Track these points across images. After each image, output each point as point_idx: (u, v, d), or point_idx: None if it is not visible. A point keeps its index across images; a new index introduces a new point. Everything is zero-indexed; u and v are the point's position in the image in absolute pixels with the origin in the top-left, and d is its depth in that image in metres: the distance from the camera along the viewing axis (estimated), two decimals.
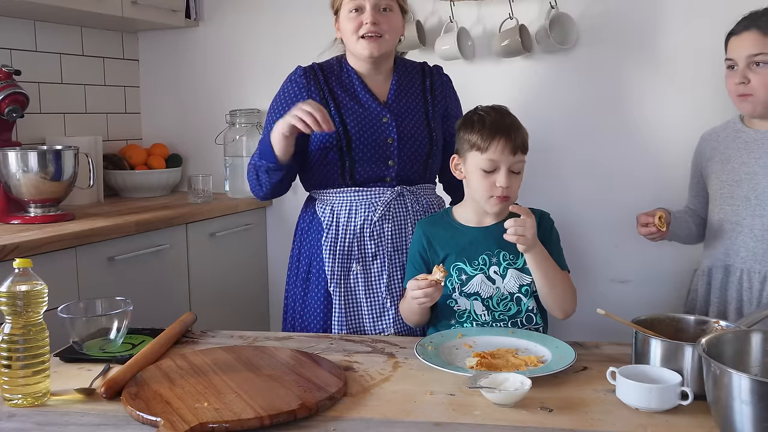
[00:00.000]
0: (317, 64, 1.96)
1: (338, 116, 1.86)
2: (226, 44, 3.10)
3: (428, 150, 1.91)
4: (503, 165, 1.62)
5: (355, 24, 1.83)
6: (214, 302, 2.69)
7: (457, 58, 2.63)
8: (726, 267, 1.79)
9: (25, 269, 1.26)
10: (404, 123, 1.89)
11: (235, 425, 1.14)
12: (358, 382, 1.36)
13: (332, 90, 1.89)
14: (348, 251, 1.86)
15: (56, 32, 2.84)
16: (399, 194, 1.88)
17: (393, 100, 1.91)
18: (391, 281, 1.86)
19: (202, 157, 3.17)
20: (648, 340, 1.33)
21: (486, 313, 1.67)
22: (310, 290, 1.92)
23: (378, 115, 1.88)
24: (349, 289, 1.87)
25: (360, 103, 1.89)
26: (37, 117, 2.76)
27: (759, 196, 1.72)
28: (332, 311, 1.87)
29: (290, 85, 1.92)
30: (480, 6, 2.69)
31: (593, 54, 2.58)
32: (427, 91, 1.96)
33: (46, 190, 2.28)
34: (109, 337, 1.51)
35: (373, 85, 1.92)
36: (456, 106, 2.03)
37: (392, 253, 1.86)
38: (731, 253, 1.78)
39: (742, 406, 1.02)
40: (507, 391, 1.24)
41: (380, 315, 1.85)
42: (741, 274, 1.75)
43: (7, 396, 1.26)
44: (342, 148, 1.85)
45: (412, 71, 1.98)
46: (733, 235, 1.77)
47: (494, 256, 1.68)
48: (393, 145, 1.86)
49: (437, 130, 1.95)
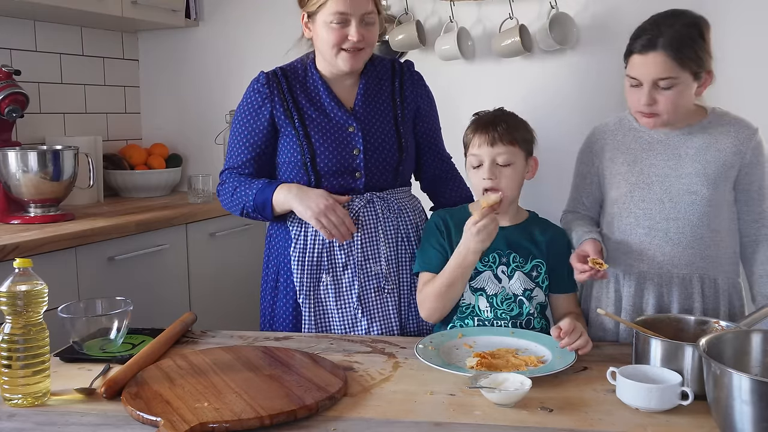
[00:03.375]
0: (281, 69, 1.86)
1: (302, 129, 1.79)
2: (226, 44, 3.10)
3: (397, 158, 1.84)
4: (486, 157, 1.65)
5: (337, 36, 1.72)
6: (214, 302, 2.68)
7: (457, 58, 2.63)
8: (640, 273, 1.71)
9: (25, 269, 1.26)
10: (371, 131, 1.81)
11: (235, 425, 1.14)
12: (358, 382, 1.36)
13: (296, 99, 1.81)
14: (317, 262, 1.80)
15: (56, 32, 2.84)
16: (368, 201, 1.81)
17: (360, 107, 1.83)
18: (362, 292, 1.78)
19: (202, 157, 3.17)
20: (648, 340, 1.33)
21: (489, 310, 1.67)
22: (278, 299, 1.88)
23: (344, 125, 1.80)
24: (319, 300, 1.81)
25: (325, 113, 1.81)
26: (37, 117, 2.76)
27: (673, 198, 1.68)
28: (302, 322, 1.82)
29: (253, 95, 1.83)
30: (480, 6, 2.69)
31: (593, 54, 2.59)
32: (396, 93, 1.88)
33: (46, 190, 2.28)
34: (109, 337, 1.51)
35: (340, 91, 1.83)
36: (428, 104, 1.95)
37: (363, 262, 1.79)
38: (645, 259, 1.71)
39: (743, 406, 1.02)
40: (507, 391, 1.24)
41: (352, 326, 1.79)
42: (659, 279, 1.70)
43: (7, 396, 1.26)
44: (306, 163, 1.78)
45: (381, 71, 1.88)
46: (647, 240, 1.70)
47: (504, 256, 1.69)
48: (359, 157, 1.79)
49: (407, 135, 1.87)
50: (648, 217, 1.70)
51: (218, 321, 2.48)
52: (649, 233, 1.70)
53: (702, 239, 1.68)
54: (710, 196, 1.67)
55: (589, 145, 1.84)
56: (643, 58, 1.62)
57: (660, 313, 1.66)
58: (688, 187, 1.68)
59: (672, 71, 1.60)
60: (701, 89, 1.67)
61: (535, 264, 1.70)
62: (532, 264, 1.70)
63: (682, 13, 1.66)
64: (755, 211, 1.72)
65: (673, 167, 1.69)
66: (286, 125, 1.81)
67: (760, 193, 1.71)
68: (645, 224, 1.70)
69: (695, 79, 1.63)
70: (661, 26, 1.63)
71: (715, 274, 1.70)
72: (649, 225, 1.70)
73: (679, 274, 1.68)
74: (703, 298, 1.69)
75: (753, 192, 1.71)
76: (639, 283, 1.72)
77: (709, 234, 1.68)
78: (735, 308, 1.73)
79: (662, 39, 1.60)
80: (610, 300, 1.76)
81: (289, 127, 1.81)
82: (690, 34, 1.62)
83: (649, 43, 1.61)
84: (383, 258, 1.80)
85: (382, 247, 1.81)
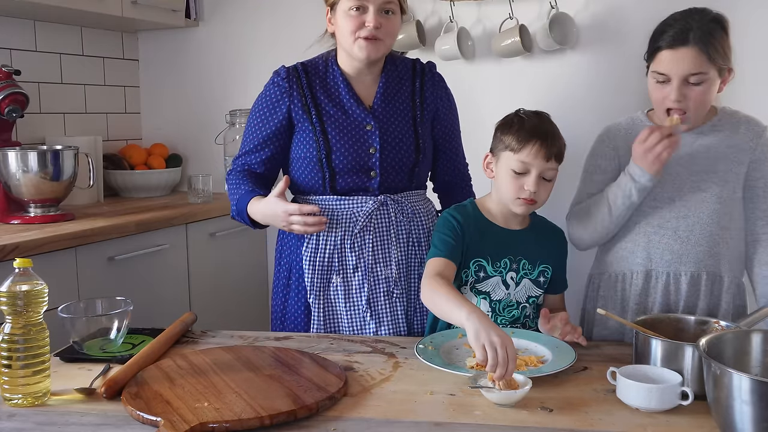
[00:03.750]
0: (302, 64, 1.86)
1: (319, 125, 1.79)
2: (226, 44, 3.10)
3: (414, 159, 1.83)
4: (534, 169, 1.60)
5: (355, 23, 1.73)
6: (214, 302, 2.68)
7: (457, 58, 2.63)
8: (647, 272, 1.72)
9: (26, 269, 1.26)
10: (389, 131, 1.81)
11: (236, 425, 1.14)
12: (358, 382, 1.36)
13: (315, 95, 1.81)
14: (328, 263, 1.79)
15: (56, 32, 2.84)
16: (382, 203, 1.80)
17: (379, 105, 1.83)
18: (372, 295, 1.78)
19: (202, 157, 3.17)
20: (648, 341, 1.33)
21: (490, 315, 1.67)
22: (290, 298, 1.87)
23: (361, 122, 1.80)
24: (329, 302, 1.80)
25: (343, 110, 1.81)
26: (37, 117, 2.76)
27: (683, 196, 1.68)
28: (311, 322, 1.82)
29: (273, 88, 1.84)
30: (480, 6, 2.69)
31: (593, 54, 2.59)
32: (416, 93, 1.87)
33: (46, 190, 2.28)
34: (109, 337, 1.51)
35: (360, 88, 1.84)
36: (447, 107, 1.94)
37: (373, 265, 1.78)
38: (654, 258, 1.71)
39: (743, 406, 1.02)
40: (507, 391, 1.24)
41: (360, 329, 1.78)
42: (667, 278, 1.70)
43: (7, 396, 1.26)
44: (322, 159, 1.78)
45: (402, 71, 1.89)
46: (655, 238, 1.70)
47: (515, 262, 1.68)
48: (375, 156, 1.79)
49: (425, 137, 1.87)
50: (658, 215, 1.71)
51: (218, 321, 2.48)
52: (658, 231, 1.70)
53: (711, 236, 1.68)
54: (720, 193, 1.68)
55: (605, 141, 1.82)
56: (674, 53, 1.61)
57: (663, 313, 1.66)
58: (698, 185, 1.68)
59: (703, 66, 1.60)
60: (722, 86, 1.68)
61: (542, 269, 1.70)
62: (540, 269, 1.69)
63: (703, 9, 1.66)
64: (761, 208, 1.72)
65: (684, 165, 1.70)
66: (303, 120, 1.81)
67: (766, 191, 1.71)
68: (654, 222, 1.71)
69: (720, 75, 1.64)
70: (690, 21, 1.62)
71: (722, 272, 1.70)
72: (659, 223, 1.70)
73: (687, 271, 1.69)
74: (707, 297, 1.69)
75: (759, 189, 1.71)
76: (646, 281, 1.72)
77: (719, 231, 1.68)
78: (737, 308, 1.73)
79: (693, 33, 1.60)
80: (617, 299, 1.77)
81: (306, 122, 1.81)
82: (717, 30, 1.62)
83: (680, 38, 1.61)
84: (394, 262, 1.80)
85: (393, 251, 1.80)
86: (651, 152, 1.61)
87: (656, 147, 1.60)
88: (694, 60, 1.60)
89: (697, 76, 1.61)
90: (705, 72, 1.60)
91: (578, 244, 1.82)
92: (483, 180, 1.79)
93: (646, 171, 1.63)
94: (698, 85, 1.61)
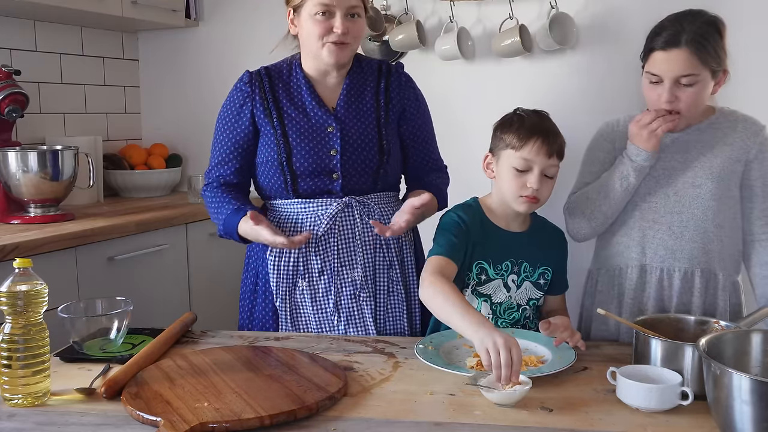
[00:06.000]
0: (265, 68, 1.86)
1: (280, 128, 1.78)
2: (226, 44, 3.10)
3: (378, 161, 1.80)
4: (536, 166, 1.60)
5: (322, 28, 1.71)
6: (214, 302, 2.68)
7: (457, 58, 2.63)
8: (642, 267, 1.73)
9: (26, 269, 1.26)
10: (351, 132, 1.79)
11: (235, 425, 1.14)
12: (358, 382, 1.36)
13: (277, 99, 1.81)
14: (294, 267, 1.78)
15: (56, 32, 2.84)
16: (346, 206, 1.78)
17: (342, 107, 1.80)
18: (338, 298, 1.77)
19: (202, 157, 3.14)
20: (648, 340, 1.33)
21: (490, 317, 1.66)
22: (257, 303, 1.86)
23: (323, 124, 1.78)
24: (296, 305, 1.80)
25: (305, 113, 1.79)
26: (37, 117, 2.76)
27: (678, 192, 1.69)
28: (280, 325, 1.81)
29: (236, 93, 1.84)
30: (480, 6, 2.69)
31: (593, 54, 2.59)
32: (381, 93, 1.84)
33: (46, 190, 2.28)
34: (109, 337, 1.51)
35: (323, 91, 1.82)
36: (415, 106, 1.89)
37: (338, 268, 1.77)
38: (648, 253, 1.72)
39: (743, 406, 1.02)
40: (507, 391, 1.24)
41: (329, 332, 1.77)
42: (660, 273, 1.71)
43: (7, 396, 1.26)
44: (282, 162, 1.77)
45: (367, 72, 1.85)
46: (650, 233, 1.72)
47: (517, 265, 1.67)
48: (336, 158, 1.77)
49: (390, 138, 1.83)
50: (653, 210, 1.71)
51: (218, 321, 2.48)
52: (652, 226, 1.71)
53: (705, 233, 1.69)
54: (715, 189, 1.68)
55: (604, 135, 1.82)
56: (666, 55, 1.62)
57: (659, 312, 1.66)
58: (693, 181, 1.69)
59: (694, 68, 1.61)
60: (717, 87, 1.68)
61: (542, 272, 1.70)
62: (540, 272, 1.69)
63: (699, 11, 1.67)
64: (758, 208, 1.72)
65: (680, 161, 1.71)
66: (266, 124, 1.80)
67: (764, 190, 1.71)
68: (649, 217, 1.72)
69: (713, 77, 1.64)
70: (683, 23, 1.63)
71: (716, 269, 1.70)
72: (654, 218, 1.71)
73: (680, 268, 1.69)
74: (702, 294, 1.69)
75: (756, 188, 1.72)
76: (641, 276, 1.73)
77: (713, 229, 1.69)
78: (733, 307, 1.73)
79: (685, 35, 1.61)
80: (613, 294, 1.78)
81: (268, 126, 1.80)
82: (710, 32, 1.63)
83: (673, 40, 1.62)
84: (360, 265, 1.78)
85: (359, 254, 1.78)
86: (646, 128, 1.64)
87: (652, 123, 1.63)
88: (686, 62, 1.60)
89: (688, 77, 1.61)
90: (697, 74, 1.61)
91: (575, 235, 1.82)
92: (483, 180, 1.78)
93: (642, 149, 1.65)
94: (690, 87, 1.62)
